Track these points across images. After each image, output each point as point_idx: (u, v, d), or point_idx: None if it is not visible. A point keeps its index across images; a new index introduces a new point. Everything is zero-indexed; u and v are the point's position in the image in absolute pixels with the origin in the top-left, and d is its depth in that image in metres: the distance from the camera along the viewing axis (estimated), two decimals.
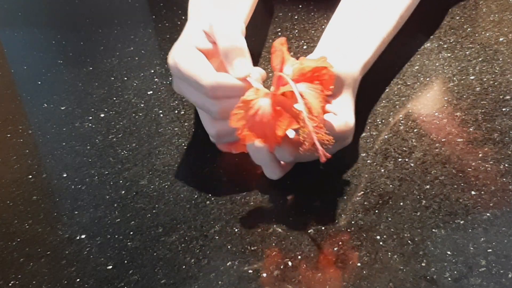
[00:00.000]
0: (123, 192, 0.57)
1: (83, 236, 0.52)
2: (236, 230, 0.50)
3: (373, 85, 0.60)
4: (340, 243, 0.47)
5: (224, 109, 0.51)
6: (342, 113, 0.52)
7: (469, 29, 0.72)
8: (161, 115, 0.67)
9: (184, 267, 0.47)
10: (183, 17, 0.90)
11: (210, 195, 0.55)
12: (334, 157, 0.56)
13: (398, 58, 0.61)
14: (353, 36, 0.58)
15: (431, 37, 0.72)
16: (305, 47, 0.75)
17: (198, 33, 0.55)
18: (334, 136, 0.48)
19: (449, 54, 0.68)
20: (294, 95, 0.47)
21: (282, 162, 0.53)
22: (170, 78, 0.75)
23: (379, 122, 0.59)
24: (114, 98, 0.72)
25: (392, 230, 0.47)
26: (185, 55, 0.53)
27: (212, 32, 0.54)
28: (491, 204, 0.48)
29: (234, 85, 0.50)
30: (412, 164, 0.53)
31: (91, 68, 0.80)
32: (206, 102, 0.52)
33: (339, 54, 0.55)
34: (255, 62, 0.74)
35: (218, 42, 0.53)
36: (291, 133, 0.51)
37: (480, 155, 0.53)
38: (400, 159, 0.54)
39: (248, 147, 0.52)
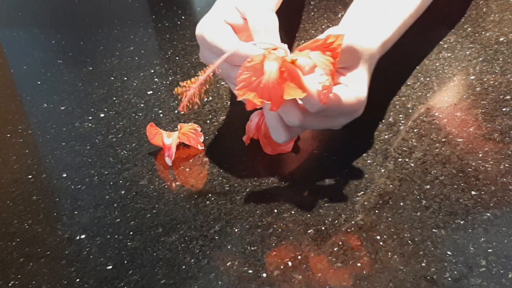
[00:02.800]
0: (123, 192, 0.57)
1: (83, 236, 0.52)
2: (236, 230, 0.50)
3: (373, 85, 0.60)
4: (340, 243, 0.47)
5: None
6: (353, 86, 0.53)
7: (469, 29, 0.72)
8: (161, 115, 0.67)
9: (184, 267, 0.47)
10: (183, 17, 0.90)
11: (210, 195, 0.55)
12: (334, 157, 0.56)
13: (398, 59, 0.61)
14: (375, 16, 0.60)
15: (431, 37, 0.72)
16: None
17: (229, 8, 0.57)
18: (341, 107, 0.50)
19: (449, 54, 0.68)
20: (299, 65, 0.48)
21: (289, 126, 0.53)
22: (170, 78, 0.75)
23: (379, 122, 0.59)
24: (114, 98, 0.72)
25: (392, 230, 0.47)
26: (212, 26, 0.55)
27: (243, 9, 0.55)
28: (491, 204, 0.48)
29: (253, 55, 0.50)
30: (412, 164, 0.53)
31: (91, 68, 0.80)
32: (227, 69, 0.53)
33: (359, 30, 0.57)
34: None
35: (249, 19, 0.54)
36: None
37: (480, 155, 0.53)
38: (400, 159, 0.54)
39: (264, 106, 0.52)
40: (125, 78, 0.76)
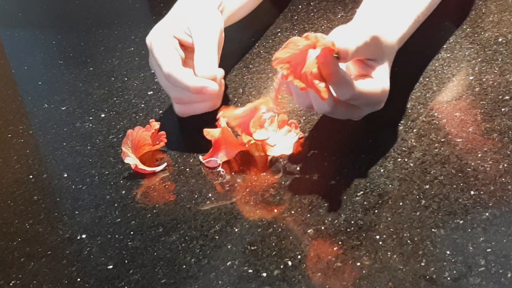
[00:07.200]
0: (124, 192, 0.57)
1: (83, 236, 0.52)
2: (236, 230, 0.50)
3: None
4: (340, 243, 0.47)
5: (175, 96, 0.62)
6: (379, 78, 0.54)
7: (468, 29, 0.72)
8: (161, 115, 0.68)
9: (184, 266, 0.48)
10: None
11: (210, 195, 0.55)
12: (334, 157, 0.56)
13: (397, 59, 0.61)
14: (391, 9, 0.61)
15: (430, 37, 0.72)
16: None
17: (180, 24, 0.63)
18: (368, 97, 0.52)
19: (448, 55, 0.68)
20: None
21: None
22: None
23: (379, 123, 0.59)
24: (115, 98, 0.73)
25: (391, 230, 0.47)
26: (161, 41, 0.62)
27: (191, 29, 0.62)
28: (490, 204, 0.48)
29: (183, 82, 0.59)
30: (411, 164, 0.54)
31: (91, 69, 0.81)
32: (165, 85, 0.62)
33: (379, 24, 0.58)
34: (255, 62, 0.74)
35: (193, 37, 0.62)
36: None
37: (479, 155, 0.53)
38: (399, 159, 0.54)
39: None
40: (126, 79, 0.76)
